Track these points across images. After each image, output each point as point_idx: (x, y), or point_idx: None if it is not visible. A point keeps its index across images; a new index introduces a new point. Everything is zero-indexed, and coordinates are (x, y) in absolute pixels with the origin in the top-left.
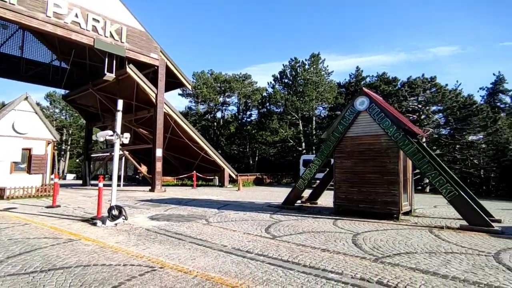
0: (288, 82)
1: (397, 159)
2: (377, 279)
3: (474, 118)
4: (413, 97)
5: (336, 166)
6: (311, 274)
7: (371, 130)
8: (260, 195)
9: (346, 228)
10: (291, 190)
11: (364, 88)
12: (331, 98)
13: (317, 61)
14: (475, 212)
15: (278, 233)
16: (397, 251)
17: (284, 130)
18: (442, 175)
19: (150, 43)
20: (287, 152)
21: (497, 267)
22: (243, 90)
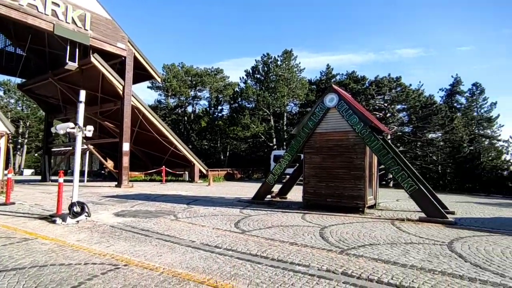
0: (260, 78)
1: (363, 155)
2: (342, 270)
3: (434, 117)
4: (380, 96)
5: (306, 161)
6: (279, 267)
7: (340, 126)
8: (231, 190)
9: (314, 222)
10: (261, 185)
11: (333, 85)
12: (302, 94)
13: (290, 57)
14: (432, 205)
15: (248, 227)
16: (361, 243)
17: (256, 126)
18: (404, 171)
19: (117, 32)
20: (258, 148)
21: (450, 255)
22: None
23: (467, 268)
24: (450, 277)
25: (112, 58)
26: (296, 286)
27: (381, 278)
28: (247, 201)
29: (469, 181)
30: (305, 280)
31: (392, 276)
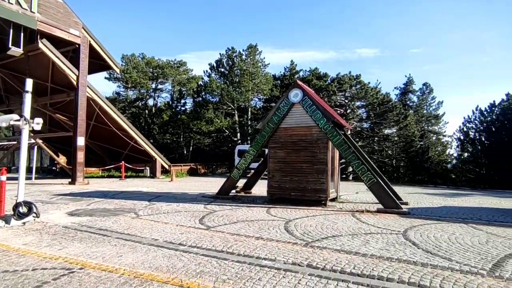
0: (225, 72)
1: (326, 149)
2: (307, 262)
3: (390, 114)
4: (341, 93)
5: (270, 156)
6: (245, 262)
7: (304, 121)
8: (194, 186)
9: (279, 215)
10: (226, 180)
11: (298, 81)
12: (267, 89)
13: (254, 52)
14: (389, 197)
15: (213, 223)
16: (325, 235)
17: (220, 120)
18: (364, 164)
19: (70, 17)
20: (222, 142)
21: (405, 243)
22: (178, 77)
23: (419, 254)
24: (405, 264)
25: (64, 45)
26: (263, 280)
27: (344, 268)
28: (212, 197)
29: (419, 173)
30: (272, 274)
31: (354, 265)
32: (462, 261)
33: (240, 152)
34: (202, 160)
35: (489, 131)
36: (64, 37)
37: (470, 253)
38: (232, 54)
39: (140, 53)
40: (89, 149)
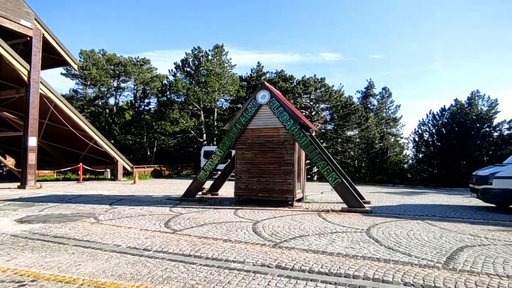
0: (191, 72)
1: (293, 150)
2: (276, 263)
3: (352, 116)
4: (306, 95)
5: (238, 157)
6: (214, 266)
7: (271, 123)
8: (159, 188)
9: (247, 217)
10: (192, 181)
11: (266, 82)
12: (233, 90)
13: (221, 52)
14: (353, 196)
15: (179, 226)
16: (292, 235)
17: (185, 121)
18: (329, 165)
19: (20, 7)
20: (188, 143)
21: (368, 240)
22: (141, 75)
23: (382, 251)
24: (370, 261)
25: (14, 37)
26: (233, 283)
27: (312, 268)
28: (177, 199)
29: (379, 173)
30: (241, 277)
31: (321, 265)
32: (420, 255)
33: (206, 153)
34: (166, 162)
35: (440, 133)
36: (14, 29)
37: (427, 248)
38: (198, 53)
39: (100, 49)
40: (42, 150)
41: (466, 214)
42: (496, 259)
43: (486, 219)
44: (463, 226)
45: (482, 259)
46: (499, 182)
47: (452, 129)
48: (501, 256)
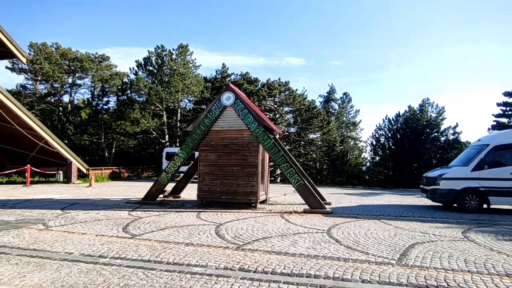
0: (153, 71)
1: (257, 152)
2: (239, 266)
3: (315, 120)
4: (271, 98)
5: (201, 159)
6: (175, 271)
7: (236, 124)
8: (117, 191)
9: (210, 220)
10: (153, 184)
11: (231, 84)
12: (198, 91)
13: (185, 52)
14: (314, 198)
15: (138, 231)
16: (255, 237)
17: (147, 121)
18: (292, 167)
19: None
20: (149, 144)
21: (329, 241)
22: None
23: (342, 250)
24: (330, 260)
25: None
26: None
27: (275, 269)
28: (137, 202)
29: (339, 175)
30: (203, 281)
31: (284, 266)
32: (376, 253)
33: (169, 155)
34: (126, 163)
35: (395, 137)
36: None
37: (383, 246)
38: (161, 52)
39: (53, 43)
40: None
41: (417, 213)
42: (442, 254)
43: (434, 217)
44: (415, 225)
45: (430, 254)
46: (445, 183)
47: (406, 134)
48: (446, 251)
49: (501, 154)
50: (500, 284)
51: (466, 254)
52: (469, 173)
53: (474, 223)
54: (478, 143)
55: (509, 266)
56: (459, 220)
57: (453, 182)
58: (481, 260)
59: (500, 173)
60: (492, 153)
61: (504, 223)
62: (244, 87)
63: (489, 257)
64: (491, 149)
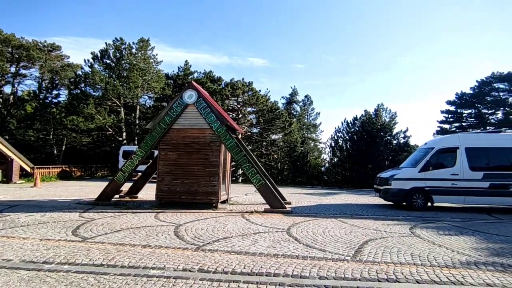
0: (111, 64)
1: (219, 152)
2: (198, 267)
3: (277, 121)
4: (234, 98)
5: (161, 158)
6: (130, 274)
7: (197, 123)
8: (67, 192)
9: (168, 220)
10: (108, 183)
11: (193, 82)
12: (159, 88)
13: (146, 47)
14: (275, 198)
15: (90, 234)
16: (216, 237)
17: (102, 117)
18: (254, 167)
19: None
20: (105, 142)
21: (289, 239)
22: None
23: (301, 248)
24: (289, 258)
25: None
26: None
27: (235, 269)
28: (90, 203)
29: (300, 175)
30: (161, 284)
31: (244, 265)
32: (333, 250)
33: (126, 153)
34: (78, 162)
35: (352, 140)
36: None
37: (339, 243)
38: (120, 45)
39: None
40: None
41: (371, 212)
42: (392, 249)
43: (386, 215)
44: (368, 222)
45: (382, 250)
46: (396, 183)
47: (362, 136)
48: (396, 247)
49: (444, 157)
50: (440, 274)
51: (413, 248)
52: (417, 174)
53: (420, 220)
54: (425, 147)
55: (448, 258)
56: (407, 218)
57: (402, 182)
58: (425, 253)
59: (442, 174)
60: (436, 155)
61: (445, 220)
62: (207, 85)
63: (432, 250)
64: (436, 152)
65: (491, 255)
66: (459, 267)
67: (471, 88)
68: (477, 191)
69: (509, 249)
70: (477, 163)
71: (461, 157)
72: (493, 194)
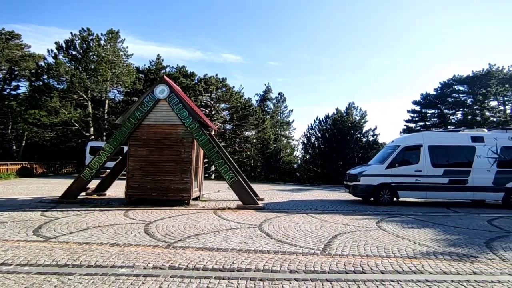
0: (77, 55)
1: (191, 148)
2: (169, 264)
3: (250, 117)
4: (207, 93)
5: (131, 154)
6: (97, 274)
7: (169, 119)
8: (27, 189)
9: (139, 218)
10: (74, 180)
11: (165, 77)
12: (129, 82)
13: (116, 39)
14: (248, 194)
15: (53, 233)
16: (187, 234)
17: (68, 111)
18: (227, 164)
19: None
20: (70, 137)
21: (261, 235)
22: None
23: (272, 243)
24: (261, 254)
25: None
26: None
27: (207, 265)
28: (53, 201)
29: (273, 172)
30: (130, 283)
31: (216, 261)
32: (304, 245)
33: (94, 149)
34: (40, 158)
35: (324, 137)
36: None
37: (310, 238)
38: (87, 36)
39: None
40: None
41: (340, 207)
42: (360, 242)
43: (355, 210)
44: (338, 217)
45: (350, 243)
46: (364, 179)
47: (333, 134)
48: (363, 240)
49: (409, 154)
50: (403, 265)
51: (378, 241)
52: (384, 170)
53: (386, 214)
54: (392, 144)
55: (410, 250)
56: (374, 212)
57: (370, 179)
58: (389, 246)
59: (407, 170)
60: (402, 153)
61: (408, 213)
62: (180, 80)
63: (396, 242)
64: (402, 150)
65: (448, 245)
66: (420, 258)
67: (435, 89)
68: (438, 187)
69: (464, 240)
70: (439, 160)
71: (424, 155)
72: (452, 189)
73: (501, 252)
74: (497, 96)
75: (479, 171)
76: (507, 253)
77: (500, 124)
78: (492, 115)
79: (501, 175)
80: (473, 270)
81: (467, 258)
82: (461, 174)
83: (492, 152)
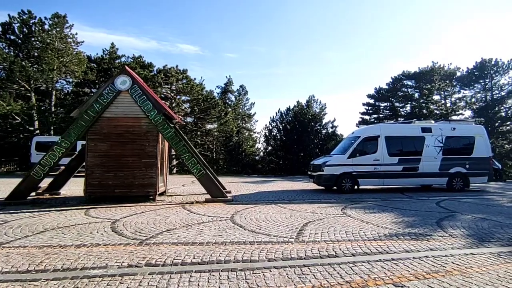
0: (17, 41)
1: (156, 142)
2: (145, 261)
3: (212, 110)
4: (167, 85)
5: (89, 149)
6: (67, 277)
7: (132, 112)
8: None
9: (102, 216)
10: (23, 179)
11: (127, 67)
12: (80, 72)
13: (62, 24)
14: (216, 187)
15: (5, 238)
16: (159, 230)
17: (6, 103)
18: (194, 157)
19: None
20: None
21: (234, 227)
22: None
23: (247, 234)
24: (237, 245)
25: None
26: None
27: (185, 260)
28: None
29: (235, 165)
30: (106, 283)
31: (193, 255)
32: (277, 234)
33: (40, 145)
34: None
35: (286, 129)
36: None
37: (282, 227)
38: (28, 19)
39: None
40: None
41: (306, 196)
42: (329, 229)
43: (320, 198)
44: (305, 206)
45: (320, 230)
46: (328, 169)
47: (294, 126)
48: (332, 226)
49: (368, 145)
50: (370, 247)
51: (346, 227)
52: (346, 160)
53: (349, 201)
54: (352, 135)
55: (375, 233)
56: (338, 200)
57: (334, 168)
58: (356, 230)
59: (366, 159)
60: (362, 143)
61: (369, 200)
62: (137, 71)
63: (362, 227)
64: (362, 140)
65: (407, 227)
66: (384, 239)
67: (387, 83)
68: (394, 174)
69: (419, 221)
70: (394, 150)
71: (382, 145)
72: (405, 176)
73: (450, 230)
74: (440, 91)
75: (427, 158)
76: (455, 230)
77: (443, 116)
78: (436, 108)
79: (445, 162)
80: (430, 247)
81: (423, 236)
82: (413, 162)
83: (438, 142)
